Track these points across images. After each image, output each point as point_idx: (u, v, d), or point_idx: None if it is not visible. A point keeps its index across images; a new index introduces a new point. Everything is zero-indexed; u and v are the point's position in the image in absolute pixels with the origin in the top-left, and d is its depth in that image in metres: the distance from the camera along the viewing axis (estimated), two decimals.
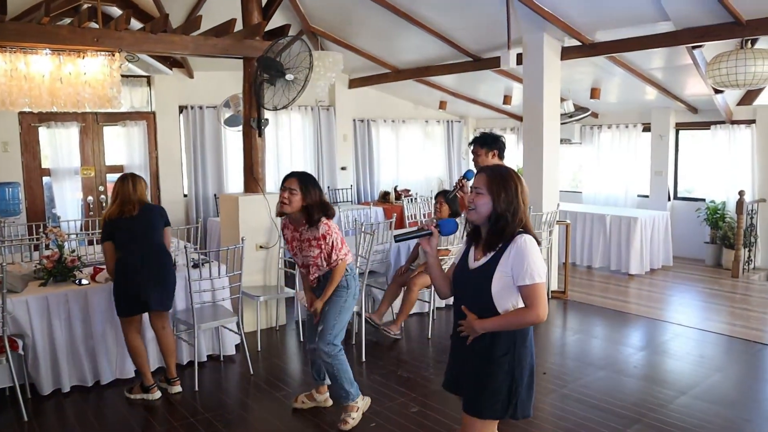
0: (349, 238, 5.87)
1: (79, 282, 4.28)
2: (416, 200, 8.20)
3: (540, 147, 6.54)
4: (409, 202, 8.15)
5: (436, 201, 5.27)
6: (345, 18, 7.48)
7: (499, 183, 2.28)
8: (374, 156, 10.44)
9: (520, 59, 6.48)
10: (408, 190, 9.90)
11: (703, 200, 8.48)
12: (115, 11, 6.86)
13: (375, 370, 4.64)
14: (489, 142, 4.60)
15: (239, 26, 5.43)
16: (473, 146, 4.70)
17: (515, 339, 2.30)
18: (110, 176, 8.11)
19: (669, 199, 8.86)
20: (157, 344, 4.33)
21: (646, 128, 9.04)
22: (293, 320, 5.74)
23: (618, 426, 3.68)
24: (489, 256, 2.29)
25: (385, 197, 9.80)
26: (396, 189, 9.94)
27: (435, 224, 2.50)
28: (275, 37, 5.30)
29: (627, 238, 7.68)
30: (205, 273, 4.60)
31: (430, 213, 7.70)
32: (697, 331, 5.52)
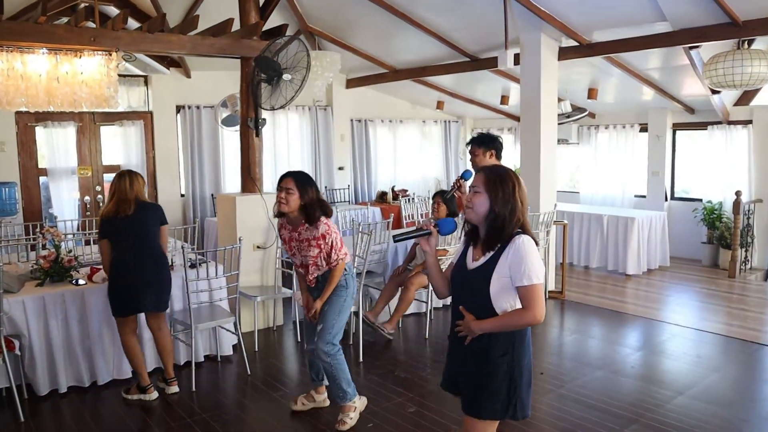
0: (346, 238, 5.87)
1: (76, 282, 4.27)
2: (414, 200, 8.20)
3: (537, 147, 6.55)
4: (406, 202, 8.15)
5: (433, 201, 5.27)
6: (342, 18, 7.48)
7: (496, 182, 2.28)
8: (372, 156, 10.43)
9: (517, 59, 6.49)
10: (405, 190, 9.91)
11: (700, 200, 8.51)
12: (113, 11, 6.85)
13: (372, 370, 4.64)
14: (487, 142, 4.64)
15: (236, 26, 5.42)
16: (471, 146, 4.73)
17: (514, 339, 2.30)
18: (107, 176, 8.08)
19: (666, 200, 8.89)
20: (154, 344, 4.32)
21: (643, 128, 9.06)
22: (290, 320, 5.73)
23: (615, 426, 3.68)
24: (488, 256, 2.29)
25: (382, 197, 9.80)
26: (393, 189, 9.95)
27: (434, 224, 2.49)
28: (273, 37, 5.30)
29: (624, 239, 7.69)
30: (203, 273, 4.59)
31: (427, 213, 7.71)
32: (694, 331, 5.53)
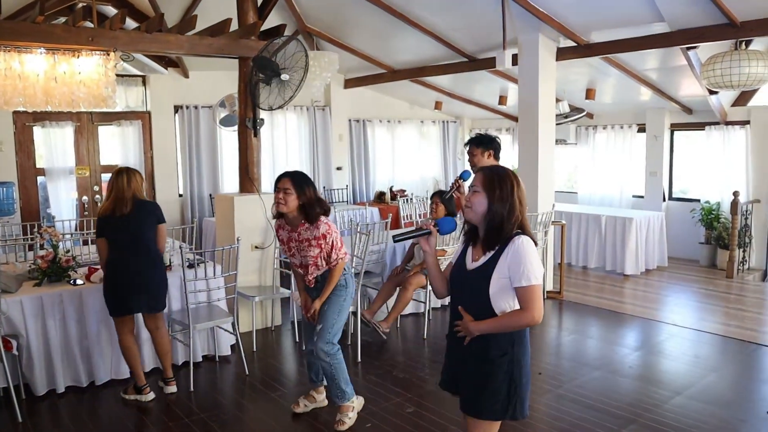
0: (344, 238, 5.86)
1: (74, 282, 4.27)
2: (412, 200, 8.20)
3: (535, 147, 6.56)
4: (404, 202, 8.14)
5: (431, 201, 5.27)
6: (340, 18, 7.48)
7: (495, 181, 2.28)
8: (370, 156, 10.43)
9: (515, 60, 6.50)
10: (404, 191, 9.90)
11: (698, 201, 8.52)
12: (110, 10, 6.85)
13: (370, 371, 4.64)
14: (485, 142, 4.68)
15: (235, 26, 5.42)
16: (469, 147, 4.77)
17: (513, 339, 2.30)
18: (105, 176, 8.07)
19: (664, 200, 8.90)
20: (152, 344, 4.31)
21: (641, 129, 9.07)
22: (289, 320, 5.73)
23: (613, 426, 3.68)
24: (487, 256, 2.28)
25: (380, 197, 9.80)
26: (392, 189, 9.94)
27: (433, 223, 2.48)
28: (271, 37, 5.29)
29: (622, 239, 7.70)
30: (201, 273, 4.59)
31: (425, 213, 7.71)
32: (692, 331, 5.54)
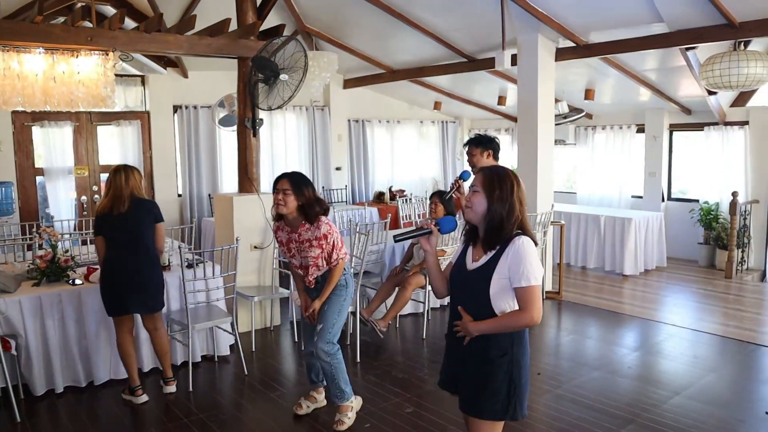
0: (343, 238, 5.86)
1: (73, 282, 4.26)
2: (411, 201, 8.20)
3: (534, 148, 6.56)
4: (403, 202, 8.15)
5: (431, 201, 5.27)
6: (340, 18, 7.48)
7: (494, 181, 2.28)
8: (369, 156, 10.43)
9: (514, 60, 6.49)
10: (403, 191, 9.91)
11: (697, 201, 8.52)
12: (109, 10, 6.84)
13: (369, 371, 4.64)
14: (484, 142, 4.71)
15: (234, 26, 5.42)
16: (468, 147, 4.78)
17: (513, 340, 2.30)
18: (104, 176, 8.07)
19: (663, 200, 8.90)
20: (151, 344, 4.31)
21: (640, 129, 9.08)
22: (288, 320, 5.73)
23: (612, 426, 3.69)
24: (488, 257, 2.28)
25: (379, 198, 9.80)
26: (391, 189, 9.94)
27: (434, 223, 2.47)
28: (270, 37, 5.29)
29: (621, 239, 7.70)
30: (200, 273, 4.59)
31: (424, 213, 7.71)
32: (691, 331, 5.55)
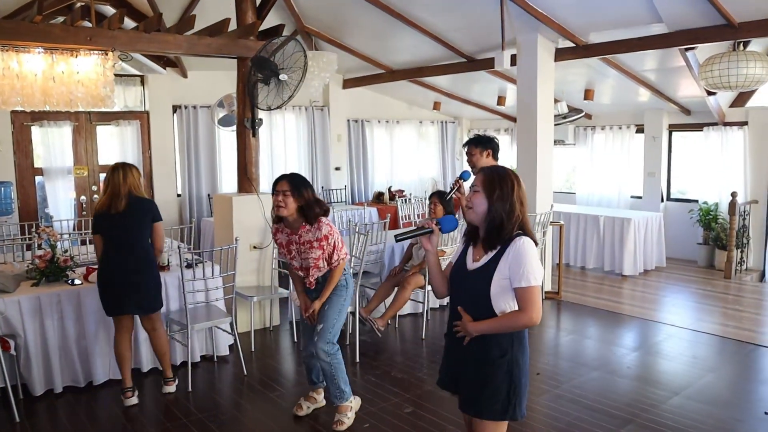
0: (343, 238, 5.86)
1: (72, 282, 4.26)
2: (410, 201, 8.21)
3: (534, 148, 6.56)
4: (403, 202, 8.14)
5: (430, 201, 5.27)
6: (339, 18, 7.48)
7: (494, 181, 2.28)
8: (368, 156, 10.43)
9: (514, 60, 6.49)
10: (402, 191, 9.90)
11: (696, 201, 8.53)
12: (109, 10, 6.84)
13: (369, 371, 4.64)
14: (483, 142, 4.72)
15: (233, 26, 5.42)
16: (468, 147, 4.79)
17: (513, 340, 2.30)
18: (103, 176, 8.05)
19: (662, 200, 8.91)
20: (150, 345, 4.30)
21: (640, 129, 9.08)
22: (287, 320, 5.72)
23: (611, 426, 3.69)
24: (488, 257, 2.28)
25: (379, 198, 9.79)
26: (390, 189, 9.94)
27: (435, 222, 2.47)
28: (269, 37, 5.29)
29: (620, 239, 7.71)
30: (199, 273, 4.59)
31: (424, 213, 7.71)
32: (690, 331, 5.55)
